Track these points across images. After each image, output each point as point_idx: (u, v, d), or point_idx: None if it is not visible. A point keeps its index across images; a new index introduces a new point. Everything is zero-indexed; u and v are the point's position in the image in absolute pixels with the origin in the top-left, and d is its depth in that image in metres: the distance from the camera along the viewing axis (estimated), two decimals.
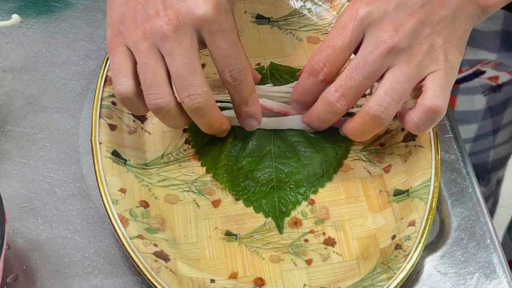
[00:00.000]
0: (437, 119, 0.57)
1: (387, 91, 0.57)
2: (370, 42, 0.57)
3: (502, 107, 0.94)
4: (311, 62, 0.60)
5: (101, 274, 0.58)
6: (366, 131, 0.59)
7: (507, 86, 0.91)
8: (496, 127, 0.97)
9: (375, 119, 0.57)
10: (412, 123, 0.57)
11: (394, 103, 0.57)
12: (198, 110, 0.57)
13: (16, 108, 0.67)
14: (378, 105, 0.57)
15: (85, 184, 0.63)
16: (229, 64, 0.57)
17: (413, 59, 0.57)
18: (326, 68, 0.59)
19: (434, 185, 0.59)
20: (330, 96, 0.58)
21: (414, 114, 0.57)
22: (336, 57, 0.59)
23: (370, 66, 0.57)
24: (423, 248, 0.56)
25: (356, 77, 0.57)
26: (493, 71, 0.88)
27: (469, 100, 0.93)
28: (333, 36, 0.59)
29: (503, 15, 0.79)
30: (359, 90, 0.58)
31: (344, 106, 0.58)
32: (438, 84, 0.57)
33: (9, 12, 0.72)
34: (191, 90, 0.56)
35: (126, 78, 0.57)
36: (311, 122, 0.62)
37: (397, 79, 0.57)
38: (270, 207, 0.61)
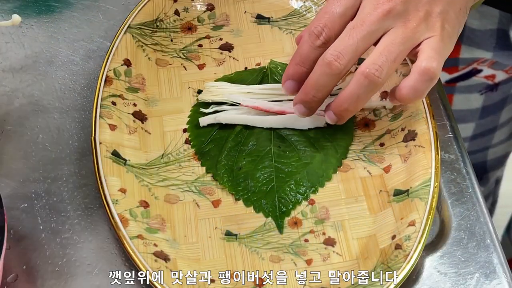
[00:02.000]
0: (432, 82, 0.57)
1: (382, 51, 0.57)
2: (368, 5, 0.58)
3: (499, 105, 0.94)
4: (310, 27, 0.60)
5: (101, 274, 0.58)
6: (360, 94, 0.58)
7: (504, 85, 0.91)
8: (494, 126, 0.97)
9: (370, 77, 0.57)
10: (408, 88, 0.57)
11: (388, 63, 0.57)
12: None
13: (16, 108, 0.67)
14: (372, 63, 0.57)
15: (85, 184, 0.62)
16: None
17: (409, 23, 0.57)
18: (324, 33, 0.59)
19: (434, 185, 0.59)
20: (328, 56, 0.58)
21: (409, 78, 0.57)
22: (334, 22, 0.59)
23: (368, 26, 0.57)
24: (423, 248, 0.56)
25: (354, 35, 0.57)
26: (489, 69, 0.88)
27: (466, 99, 0.93)
28: (331, 3, 0.59)
29: (499, 14, 0.80)
30: (356, 50, 0.58)
31: (342, 65, 0.57)
32: (432, 48, 0.57)
33: (9, 12, 0.72)
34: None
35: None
36: (306, 93, 0.60)
37: (392, 41, 0.57)
38: (270, 207, 0.61)
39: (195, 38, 0.71)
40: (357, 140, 0.64)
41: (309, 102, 0.61)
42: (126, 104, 0.65)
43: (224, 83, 0.67)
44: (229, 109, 0.65)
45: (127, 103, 0.65)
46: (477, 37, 0.82)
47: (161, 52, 0.70)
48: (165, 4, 0.71)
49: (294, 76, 0.61)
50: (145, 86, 0.67)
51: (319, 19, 0.59)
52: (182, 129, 0.65)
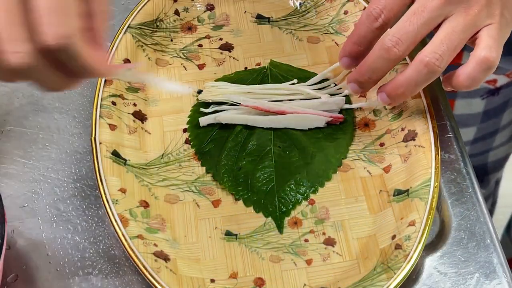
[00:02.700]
0: (490, 71, 0.57)
1: (443, 40, 0.56)
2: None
3: (501, 109, 0.94)
4: (369, 9, 0.58)
5: (101, 274, 0.58)
6: (418, 81, 0.57)
7: (505, 89, 0.91)
8: (495, 130, 0.97)
9: (430, 66, 0.56)
10: (465, 75, 0.57)
11: (449, 52, 0.56)
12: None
13: (16, 108, 0.67)
14: (433, 52, 0.56)
15: (85, 184, 0.63)
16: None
17: (471, 10, 0.56)
18: (383, 15, 0.58)
19: (434, 185, 0.59)
20: (387, 41, 0.57)
21: (467, 66, 0.57)
22: (394, 4, 0.58)
23: (429, 12, 0.56)
24: (423, 248, 0.56)
25: (415, 21, 0.56)
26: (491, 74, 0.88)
27: (468, 104, 0.93)
28: None
29: None
30: (416, 36, 0.57)
31: (401, 51, 0.57)
32: (492, 36, 0.57)
33: None
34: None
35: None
36: (362, 74, 0.60)
37: (454, 29, 0.56)
38: (270, 207, 0.61)
39: (195, 38, 0.71)
40: (357, 140, 0.64)
41: (364, 82, 0.61)
42: (126, 104, 0.65)
43: (224, 83, 0.67)
44: (229, 109, 0.65)
45: (127, 103, 0.65)
46: None
47: (161, 52, 0.70)
48: (165, 4, 0.71)
49: (351, 54, 0.61)
50: (145, 86, 0.67)
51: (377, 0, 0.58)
52: (182, 129, 0.65)
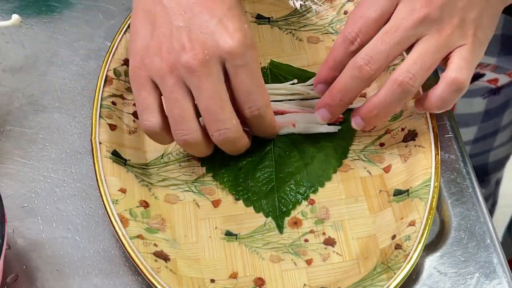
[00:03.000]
0: (460, 93, 0.57)
1: (416, 59, 0.56)
2: (403, 10, 0.57)
3: (501, 109, 0.94)
4: (344, 32, 0.59)
5: (101, 274, 0.58)
6: (393, 101, 0.57)
7: (506, 88, 0.91)
8: (495, 129, 0.97)
9: (403, 86, 0.56)
10: (436, 97, 0.57)
11: (422, 72, 0.56)
12: (227, 143, 0.58)
13: (16, 108, 0.67)
14: (406, 72, 0.56)
15: (85, 184, 0.63)
16: (250, 100, 0.58)
17: (444, 31, 0.56)
18: (359, 39, 0.58)
19: (434, 185, 0.59)
20: (359, 59, 0.57)
21: (437, 88, 0.57)
22: (368, 27, 0.58)
23: (402, 32, 0.56)
24: (423, 248, 0.56)
25: (387, 41, 0.57)
26: (492, 73, 0.88)
27: (469, 103, 0.93)
28: (366, 7, 0.58)
29: (503, 20, 0.79)
30: (388, 55, 0.57)
31: (373, 70, 0.57)
32: (463, 57, 0.57)
33: (9, 12, 0.72)
34: (221, 125, 0.57)
35: (153, 114, 0.57)
36: (333, 96, 0.60)
37: (427, 49, 0.56)
38: (270, 207, 0.61)
39: None
40: (357, 140, 0.64)
41: (334, 106, 0.60)
42: (126, 104, 0.65)
43: None
44: None
45: (127, 103, 0.65)
46: None
47: None
48: None
49: (327, 80, 0.61)
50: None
51: (353, 23, 0.58)
52: None
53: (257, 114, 0.58)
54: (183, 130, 0.57)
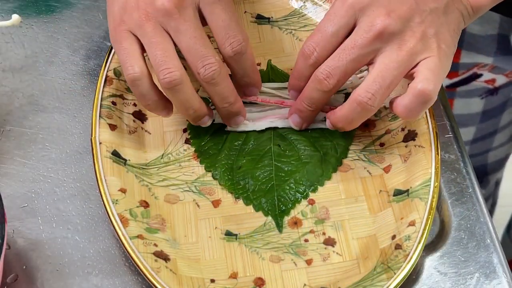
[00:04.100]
0: (427, 104, 0.57)
1: (376, 78, 0.57)
2: (361, 26, 0.57)
3: (500, 109, 0.94)
4: (303, 46, 0.60)
5: (101, 274, 0.58)
6: (354, 118, 0.59)
7: (504, 89, 0.91)
8: (494, 130, 0.97)
9: (363, 105, 0.57)
10: (402, 107, 0.57)
11: (382, 90, 0.57)
12: (213, 78, 0.58)
13: (16, 108, 0.67)
14: (366, 92, 0.57)
15: (85, 184, 0.62)
16: (229, 35, 0.58)
17: (405, 45, 0.57)
18: (316, 52, 0.59)
19: (434, 185, 0.59)
20: (319, 74, 0.59)
21: (403, 98, 0.57)
22: (326, 42, 0.59)
23: (359, 49, 0.57)
24: (423, 248, 0.56)
25: (343, 58, 0.57)
26: (490, 74, 0.88)
27: (466, 103, 0.93)
28: (325, 21, 0.59)
29: (499, 19, 0.79)
30: (346, 71, 0.58)
31: (331, 84, 0.58)
32: (429, 68, 0.57)
33: (9, 12, 0.72)
34: (206, 60, 0.57)
35: (135, 60, 0.58)
36: (300, 102, 0.62)
37: (387, 66, 0.57)
38: (269, 206, 0.61)
39: None
40: (357, 140, 0.64)
41: (303, 112, 0.62)
42: (126, 104, 0.65)
43: None
44: None
45: (127, 103, 0.65)
46: (478, 42, 0.82)
47: None
48: None
49: (294, 87, 0.63)
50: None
51: (312, 38, 0.60)
52: (182, 129, 0.65)
53: (239, 49, 0.59)
54: (168, 68, 0.57)
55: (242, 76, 0.62)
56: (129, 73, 0.58)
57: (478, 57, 0.84)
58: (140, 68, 0.58)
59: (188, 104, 0.59)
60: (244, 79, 0.62)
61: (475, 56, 0.84)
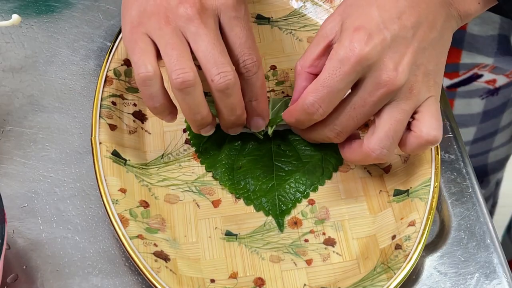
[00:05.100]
0: (433, 146, 0.59)
1: (388, 132, 0.56)
2: (369, 83, 0.56)
3: (500, 109, 0.94)
4: (305, 100, 0.57)
5: (101, 274, 0.58)
6: (366, 163, 0.62)
7: (504, 89, 0.91)
8: (494, 130, 0.97)
9: (377, 159, 0.57)
10: (408, 149, 0.58)
11: (395, 143, 0.57)
12: (227, 88, 0.57)
13: (16, 108, 0.67)
14: (380, 148, 0.57)
15: (85, 184, 0.62)
16: (244, 53, 0.58)
17: (411, 94, 0.56)
18: (321, 109, 0.57)
19: (434, 185, 0.59)
20: (328, 132, 0.59)
21: (410, 142, 0.57)
22: (332, 99, 0.57)
23: (370, 107, 0.56)
24: (423, 248, 0.56)
25: (355, 116, 0.57)
26: (490, 74, 0.88)
27: (467, 104, 0.93)
28: (330, 76, 0.56)
29: (500, 20, 0.79)
30: (356, 126, 0.58)
31: (341, 139, 0.60)
32: (432, 114, 0.57)
33: (9, 12, 0.72)
34: (221, 68, 0.56)
35: (149, 60, 0.57)
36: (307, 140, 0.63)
37: (397, 118, 0.56)
38: (270, 206, 0.61)
39: None
40: None
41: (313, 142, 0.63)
42: (126, 104, 0.65)
43: None
44: None
45: (127, 103, 0.65)
46: (478, 42, 0.82)
47: None
48: None
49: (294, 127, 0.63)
50: None
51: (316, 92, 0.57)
52: (182, 129, 0.65)
53: (251, 67, 0.58)
54: (181, 68, 0.56)
55: (250, 98, 0.60)
56: (141, 71, 0.57)
57: (478, 58, 0.84)
58: (154, 68, 0.57)
59: (196, 109, 0.58)
60: (252, 102, 0.60)
61: (475, 57, 0.84)
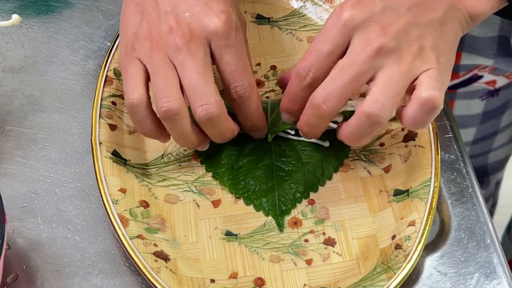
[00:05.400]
0: (435, 112, 0.55)
1: (382, 89, 0.54)
2: (357, 43, 0.55)
3: (500, 110, 0.94)
4: (297, 67, 0.58)
5: (101, 274, 0.58)
6: (364, 133, 0.56)
7: (504, 90, 0.91)
8: (495, 131, 0.97)
9: (372, 118, 0.54)
10: (409, 118, 0.55)
11: (390, 100, 0.54)
12: (210, 120, 0.57)
13: (16, 108, 0.67)
14: (373, 102, 0.54)
15: (85, 184, 0.62)
16: (234, 80, 0.58)
17: (404, 59, 0.55)
18: (311, 73, 0.57)
19: (434, 185, 0.59)
20: (316, 98, 0.56)
21: (410, 108, 0.55)
22: (321, 62, 0.57)
23: (358, 66, 0.55)
24: (423, 248, 0.56)
25: (343, 77, 0.55)
26: (490, 75, 0.88)
27: (467, 105, 0.93)
28: (319, 41, 0.57)
29: (500, 21, 0.79)
30: (345, 91, 0.56)
31: (330, 107, 0.56)
32: (432, 78, 0.55)
33: (9, 12, 0.72)
34: (204, 100, 0.56)
35: (136, 87, 0.57)
36: (301, 128, 0.60)
37: (391, 77, 0.55)
38: (270, 206, 0.61)
39: None
40: None
41: (307, 135, 0.60)
42: None
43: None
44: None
45: None
46: (478, 44, 0.82)
47: None
48: None
49: (288, 110, 0.61)
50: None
51: (306, 58, 0.57)
52: None
53: (242, 93, 0.58)
54: (167, 97, 0.56)
55: (245, 120, 0.61)
56: (128, 98, 0.57)
57: (478, 59, 0.84)
58: (139, 95, 0.57)
59: (183, 136, 0.59)
60: (247, 123, 0.61)
61: (475, 58, 0.84)
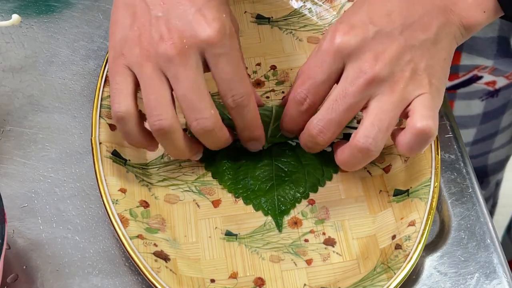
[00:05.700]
0: (429, 141, 0.56)
1: (373, 121, 0.55)
2: (350, 73, 0.56)
3: (500, 111, 0.94)
4: (294, 92, 0.58)
5: (101, 274, 0.58)
6: (356, 163, 0.57)
7: (504, 91, 0.91)
8: (495, 131, 0.97)
9: (364, 152, 0.56)
10: (404, 145, 0.56)
11: (382, 134, 0.55)
12: (205, 133, 0.57)
13: (16, 108, 0.67)
14: (365, 137, 0.55)
15: (85, 184, 0.62)
16: (232, 88, 0.57)
17: (396, 86, 0.55)
18: (308, 99, 0.58)
19: (434, 185, 0.59)
20: (312, 129, 0.58)
21: (404, 137, 0.55)
22: (317, 88, 0.57)
23: (351, 98, 0.55)
24: (423, 248, 0.56)
25: (337, 108, 0.56)
26: (490, 76, 0.88)
27: (467, 105, 0.93)
28: (314, 67, 0.57)
29: (500, 22, 0.79)
30: (340, 121, 0.57)
31: (325, 139, 0.57)
32: (425, 105, 0.55)
33: (9, 12, 0.72)
34: (198, 114, 0.56)
35: (124, 98, 0.57)
36: (302, 146, 0.61)
37: (382, 108, 0.55)
38: (269, 205, 0.61)
39: None
40: None
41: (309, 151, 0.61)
42: None
43: None
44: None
45: None
46: (478, 44, 0.82)
47: None
48: None
49: (287, 130, 0.62)
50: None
51: (303, 84, 0.58)
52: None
53: (240, 102, 0.57)
54: (159, 114, 0.56)
55: (242, 129, 0.60)
56: (114, 110, 0.57)
57: (478, 59, 0.84)
58: (126, 108, 0.56)
59: (175, 150, 0.59)
60: (245, 132, 0.60)
61: (475, 58, 0.84)
